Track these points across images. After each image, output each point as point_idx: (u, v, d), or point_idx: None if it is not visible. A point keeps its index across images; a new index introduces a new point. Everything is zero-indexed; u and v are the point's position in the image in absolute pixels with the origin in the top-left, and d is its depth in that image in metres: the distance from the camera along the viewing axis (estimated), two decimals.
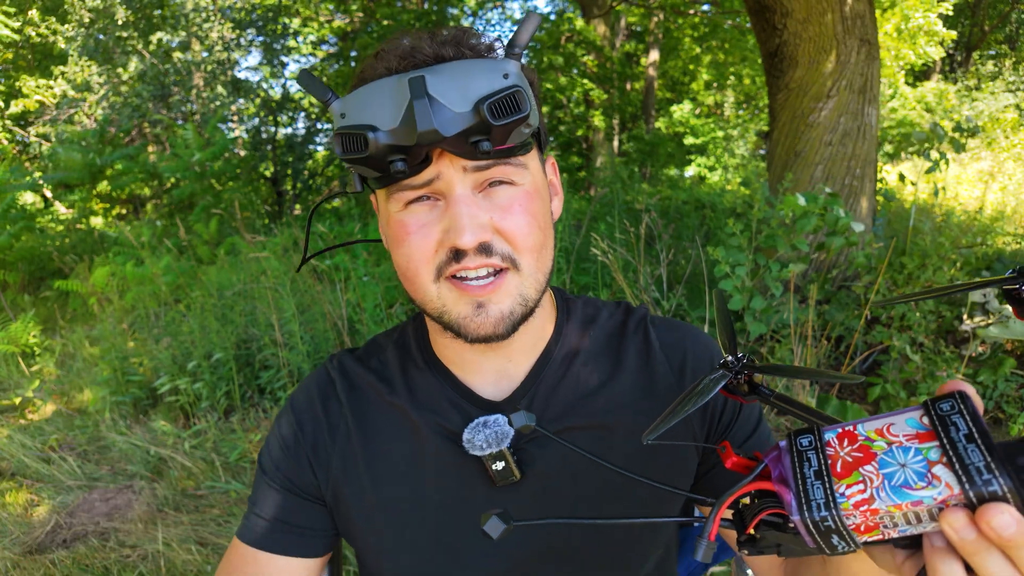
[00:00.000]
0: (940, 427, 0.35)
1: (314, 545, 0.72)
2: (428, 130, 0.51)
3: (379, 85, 0.54)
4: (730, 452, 0.43)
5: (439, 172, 0.56)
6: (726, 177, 8.60)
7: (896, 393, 2.59)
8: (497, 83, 0.53)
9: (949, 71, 13.37)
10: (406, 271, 0.61)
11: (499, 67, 0.54)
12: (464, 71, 0.53)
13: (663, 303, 2.83)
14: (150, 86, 6.94)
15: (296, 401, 0.75)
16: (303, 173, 7.94)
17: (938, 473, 0.34)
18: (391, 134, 0.53)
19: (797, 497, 0.37)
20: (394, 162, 0.54)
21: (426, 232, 0.58)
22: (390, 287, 3.46)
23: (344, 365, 0.75)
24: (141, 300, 4.20)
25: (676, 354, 0.73)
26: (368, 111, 0.54)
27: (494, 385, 0.70)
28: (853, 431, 0.38)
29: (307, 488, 0.72)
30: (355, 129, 0.53)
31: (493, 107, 0.52)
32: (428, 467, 0.69)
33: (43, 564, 2.23)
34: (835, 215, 2.49)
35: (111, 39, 6.88)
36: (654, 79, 10.64)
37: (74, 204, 7.04)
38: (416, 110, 0.51)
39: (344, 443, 0.71)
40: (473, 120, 0.52)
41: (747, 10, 3.50)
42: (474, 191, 0.58)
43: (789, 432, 0.40)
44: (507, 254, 0.59)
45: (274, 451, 0.73)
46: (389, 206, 0.61)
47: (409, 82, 0.52)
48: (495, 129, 0.53)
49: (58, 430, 3.31)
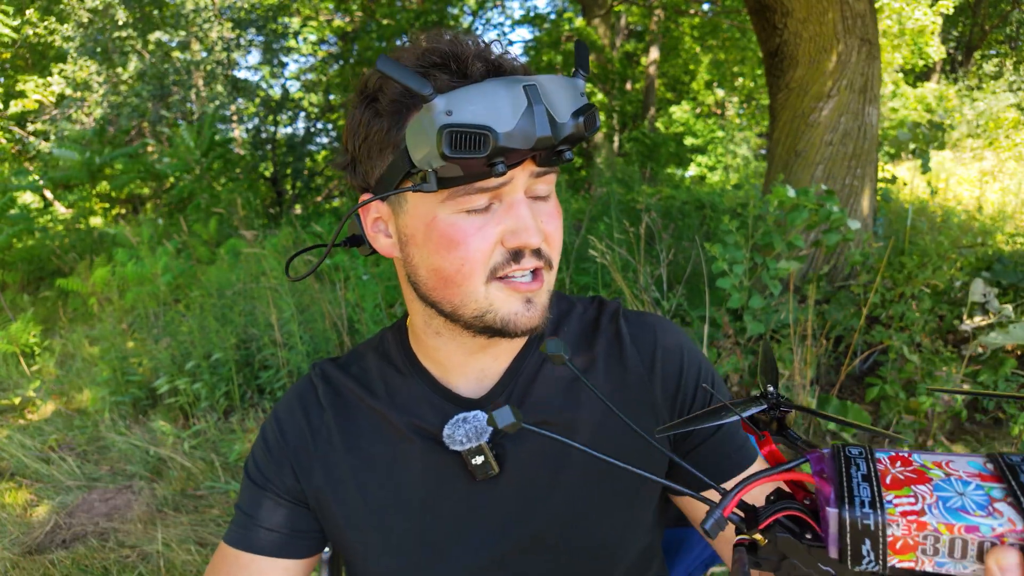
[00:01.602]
0: (1009, 472, 0.33)
1: (300, 547, 0.74)
2: (546, 136, 0.55)
3: (490, 87, 0.54)
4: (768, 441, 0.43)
5: (513, 175, 0.59)
6: (726, 177, 8.60)
7: (895, 394, 2.59)
8: (583, 99, 0.59)
9: (950, 71, 13.37)
10: (454, 275, 0.61)
11: (579, 85, 0.59)
12: (560, 85, 0.58)
13: (663, 303, 2.82)
14: (149, 86, 6.94)
15: (279, 409, 0.77)
16: (303, 173, 7.94)
17: (1000, 508, 0.32)
18: (508, 136, 0.54)
19: (839, 490, 0.34)
20: (497, 164, 0.55)
21: (483, 235, 0.60)
22: (390, 287, 3.46)
23: (327, 373, 0.77)
24: (141, 300, 4.20)
25: (646, 346, 0.75)
26: (483, 112, 0.54)
27: (474, 384, 0.72)
28: (908, 457, 0.36)
29: (291, 492, 0.73)
30: (471, 128, 0.53)
31: (587, 120, 0.58)
32: (409, 468, 0.70)
33: (42, 564, 2.22)
34: (828, 210, 2.48)
35: (110, 39, 6.87)
36: (654, 79, 10.64)
37: (73, 204, 7.03)
38: (536, 115, 0.54)
39: (326, 449, 0.73)
40: (573, 130, 0.57)
41: (747, 9, 3.50)
42: (526, 195, 0.62)
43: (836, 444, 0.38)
44: (548, 257, 0.64)
45: (259, 457, 0.75)
46: (439, 209, 0.59)
47: (525, 88, 0.55)
48: (584, 140, 0.58)
49: (57, 430, 3.31)
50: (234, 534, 0.73)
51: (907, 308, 2.71)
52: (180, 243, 5.10)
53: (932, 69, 12.89)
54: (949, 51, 12.98)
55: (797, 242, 2.56)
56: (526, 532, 0.70)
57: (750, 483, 0.37)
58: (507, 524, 0.70)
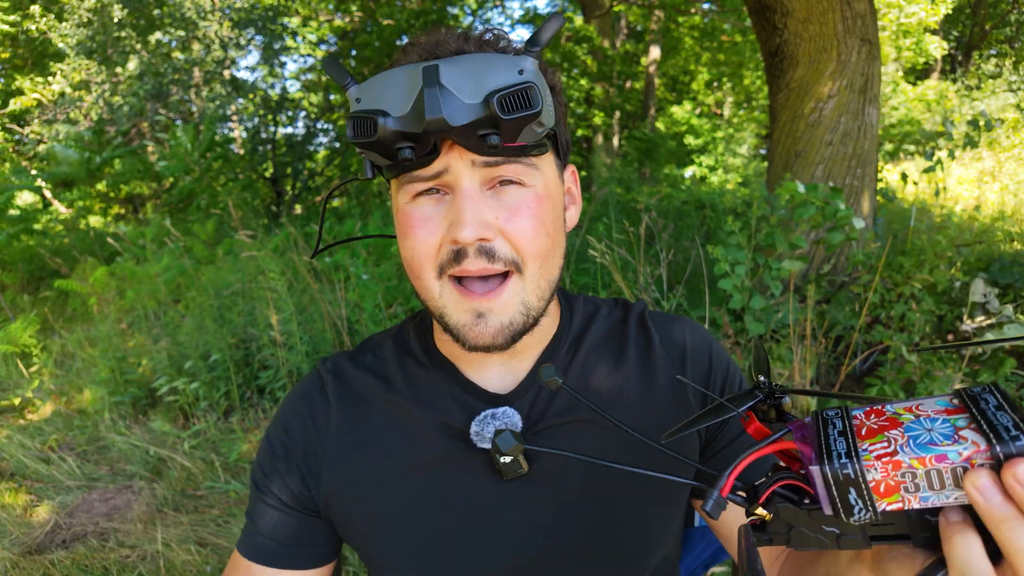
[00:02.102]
0: (970, 402, 0.35)
1: (315, 556, 0.71)
2: (436, 118, 0.51)
3: (395, 72, 0.54)
4: (753, 419, 0.43)
5: (448, 164, 0.56)
6: (726, 177, 8.60)
7: (895, 394, 2.59)
8: (511, 78, 0.52)
9: (949, 70, 13.37)
10: (410, 264, 0.60)
11: (515, 63, 0.53)
12: (480, 64, 0.53)
13: (663, 303, 2.82)
14: (147, 85, 6.93)
15: (284, 410, 0.74)
16: (303, 173, 7.93)
17: (965, 434, 0.34)
18: (400, 120, 0.53)
19: (817, 449, 0.36)
20: (402, 149, 0.54)
21: (431, 227, 0.58)
22: (390, 287, 3.46)
23: (338, 366, 0.74)
24: (140, 300, 4.20)
25: (675, 345, 0.74)
26: (381, 97, 0.54)
27: (499, 379, 0.70)
28: (881, 408, 0.38)
29: (300, 501, 0.70)
30: (366, 113, 0.53)
31: (503, 100, 0.51)
32: (430, 466, 0.67)
33: (42, 564, 2.22)
34: (835, 208, 2.48)
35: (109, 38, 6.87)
36: (654, 78, 10.63)
37: (72, 203, 7.03)
38: (426, 98, 0.51)
39: (336, 449, 0.69)
40: (483, 112, 0.52)
41: (748, 10, 3.50)
42: (483, 188, 0.57)
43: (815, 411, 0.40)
44: (510, 258, 0.58)
45: (264, 465, 0.72)
46: (399, 197, 0.60)
47: (423, 70, 0.52)
48: (504, 124, 0.52)
49: (57, 430, 3.31)
50: (241, 540, 0.72)
51: (907, 308, 2.71)
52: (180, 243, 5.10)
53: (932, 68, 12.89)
54: (949, 51, 12.98)
55: (799, 242, 2.56)
56: (555, 535, 0.67)
57: (742, 460, 0.39)
58: (536, 526, 0.67)
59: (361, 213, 6.56)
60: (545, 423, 0.67)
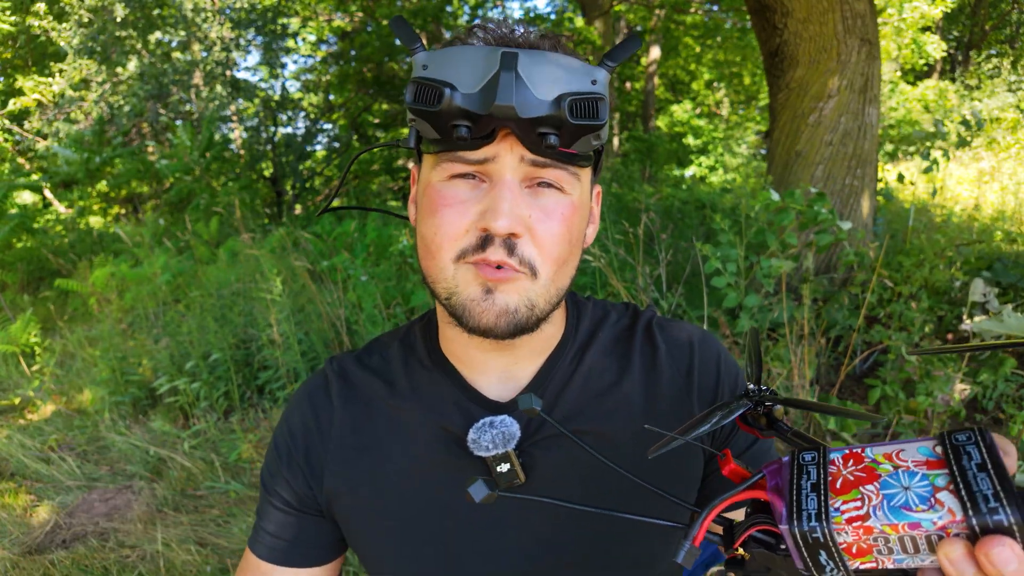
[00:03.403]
0: (952, 455, 0.33)
1: (322, 555, 0.72)
2: (506, 104, 0.50)
3: (470, 50, 0.53)
4: (729, 459, 0.42)
5: (497, 153, 0.55)
6: (726, 177, 8.60)
7: (895, 394, 2.59)
8: (585, 85, 0.53)
9: (949, 70, 13.37)
10: (430, 244, 0.59)
11: (590, 72, 0.53)
12: (558, 63, 0.53)
13: (662, 303, 2.82)
14: (148, 86, 6.93)
15: (289, 410, 0.74)
16: (302, 173, 7.94)
17: (942, 499, 0.32)
18: (468, 98, 0.51)
19: (788, 506, 0.35)
20: (459, 127, 0.53)
21: (462, 209, 0.57)
22: (389, 287, 3.46)
23: (344, 367, 0.73)
24: (140, 300, 4.20)
25: (682, 356, 0.72)
26: (452, 70, 0.53)
27: (500, 385, 0.69)
28: (860, 453, 0.37)
29: (305, 501, 0.71)
30: (433, 82, 0.52)
31: (574, 105, 0.51)
32: (430, 471, 0.67)
33: (42, 564, 2.22)
34: (816, 212, 2.48)
35: (109, 37, 6.87)
36: (654, 79, 10.64)
37: (73, 203, 7.03)
38: (501, 82, 0.50)
39: (338, 450, 0.70)
40: (551, 111, 0.51)
41: (747, 9, 3.50)
42: (522, 184, 0.57)
43: (795, 448, 0.39)
44: (529, 259, 0.57)
45: (271, 465, 0.73)
46: (432, 174, 0.59)
47: (502, 55, 0.51)
48: (567, 128, 0.52)
49: (57, 430, 3.31)
50: (252, 537, 0.73)
51: (906, 308, 2.71)
52: (181, 243, 5.10)
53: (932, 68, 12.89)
54: (949, 51, 12.98)
55: (791, 239, 2.56)
56: (553, 546, 0.66)
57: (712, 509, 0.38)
58: (534, 537, 0.66)
59: (360, 214, 6.57)
60: (544, 433, 0.66)
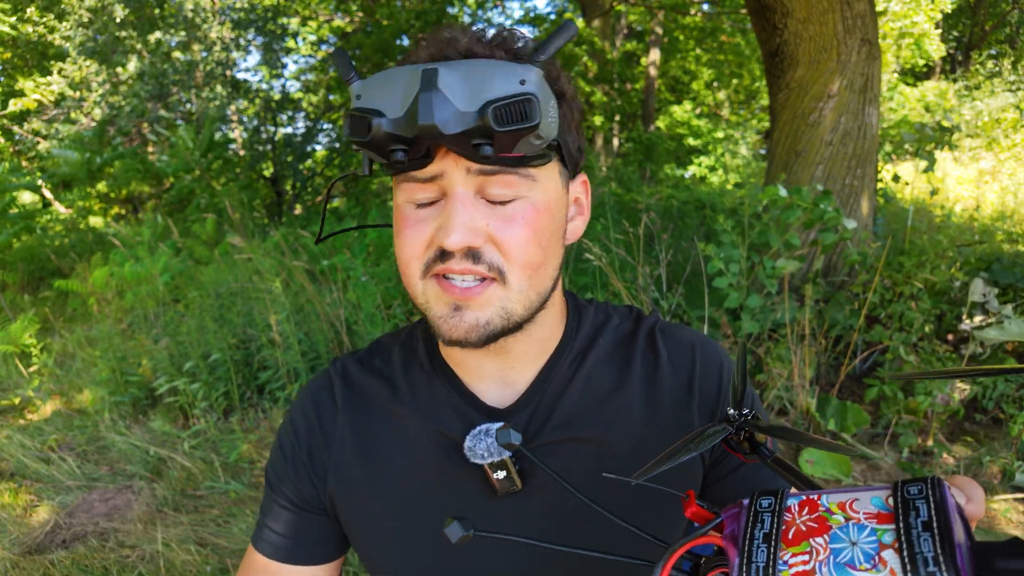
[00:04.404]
0: (901, 510, 0.33)
1: (326, 553, 0.73)
2: (428, 124, 0.50)
3: (396, 72, 0.53)
4: (692, 501, 0.42)
5: (443, 169, 0.55)
6: (726, 177, 8.60)
7: (893, 394, 2.59)
8: (511, 88, 0.51)
9: (949, 71, 13.37)
10: (400, 262, 0.60)
11: (518, 72, 0.51)
12: (481, 70, 0.51)
13: (662, 303, 2.82)
14: (148, 86, 6.94)
15: (294, 409, 0.75)
16: (302, 173, 7.94)
17: (886, 557, 0.32)
18: (394, 123, 0.51)
19: (740, 557, 0.36)
20: (395, 151, 0.53)
21: (421, 228, 0.57)
22: (389, 287, 3.46)
23: (347, 369, 0.74)
24: (140, 300, 4.20)
25: (684, 365, 0.71)
26: (381, 96, 0.53)
27: (498, 391, 0.68)
28: (816, 500, 0.37)
29: (309, 500, 0.71)
30: (362, 112, 0.52)
31: (498, 112, 0.50)
32: (428, 476, 0.67)
33: (42, 564, 2.22)
34: (822, 210, 2.48)
35: (110, 37, 6.87)
36: (654, 79, 10.64)
37: (73, 204, 7.03)
38: (420, 102, 0.50)
39: (340, 452, 0.70)
40: (476, 122, 0.50)
41: (747, 10, 3.50)
42: (477, 195, 0.56)
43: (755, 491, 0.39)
44: (496, 265, 0.57)
45: (276, 464, 0.73)
46: (397, 195, 0.60)
47: (422, 72, 0.51)
48: (499, 135, 0.51)
49: (57, 430, 3.31)
50: (255, 535, 0.73)
51: (906, 308, 2.71)
52: (180, 243, 5.10)
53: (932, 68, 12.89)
54: (949, 51, 12.98)
55: (793, 240, 2.56)
56: (551, 554, 0.65)
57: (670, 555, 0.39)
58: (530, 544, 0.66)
59: (360, 213, 6.57)
60: (541, 440, 0.66)
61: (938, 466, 2.41)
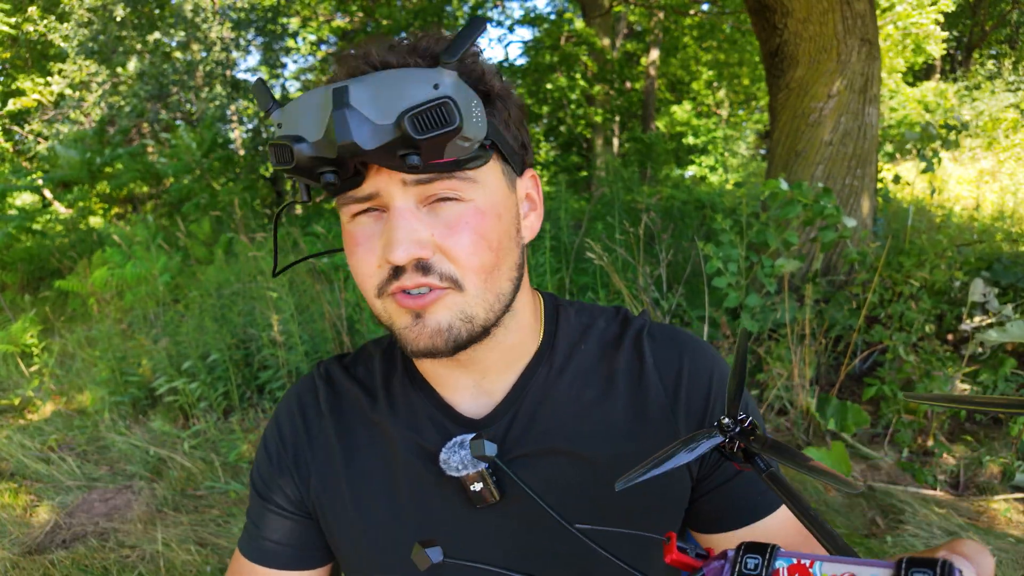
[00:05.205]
0: None
1: (313, 558, 0.72)
2: (347, 143, 0.48)
3: (311, 95, 0.52)
4: (672, 547, 0.40)
5: (378, 187, 0.54)
6: (726, 177, 8.60)
7: (893, 394, 2.59)
8: (425, 93, 0.49)
9: (949, 71, 13.37)
10: (357, 283, 0.60)
11: (430, 77, 0.50)
12: (393, 81, 0.50)
13: (662, 303, 2.82)
14: (148, 86, 6.94)
15: (279, 413, 0.74)
16: None
17: None
18: (315, 146, 0.50)
19: None
20: (324, 174, 0.52)
21: (369, 247, 0.57)
22: None
23: (331, 374, 0.73)
24: (139, 300, 4.20)
25: (670, 371, 0.68)
26: (298, 122, 0.52)
27: (473, 402, 0.67)
28: (808, 568, 0.34)
29: (295, 504, 0.71)
30: (284, 139, 0.51)
31: (416, 119, 0.48)
32: (406, 487, 0.67)
33: (42, 564, 2.22)
34: (822, 206, 2.47)
35: (110, 38, 6.87)
36: (654, 79, 10.64)
37: (72, 204, 7.03)
38: (335, 122, 0.48)
39: (324, 457, 0.70)
40: (395, 134, 0.49)
41: (747, 10, 3.50)
42: (419, 205, 0.55)
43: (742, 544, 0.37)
44: (448, 274, 0.56)
45: (262, 467, 0.73)
46: (342, 216, 0.59)
47: (332, 92, 0.49)
48: (423, 143, 0.49)
49: (57, 430, 3.31)
50: (243, 542, 0.72)
51: (906, 308, 2.71)
52: (180, 243, 5.10)
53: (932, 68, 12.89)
54: (949, 51, 12.98)
55: (792, 239, 2.56)
56: (530, 564, 0.65)
57: None
58: (508, 556, 0.65)
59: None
60: (517, 452, 0.65)
61: (938, 466, 2.41)
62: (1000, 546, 1.95)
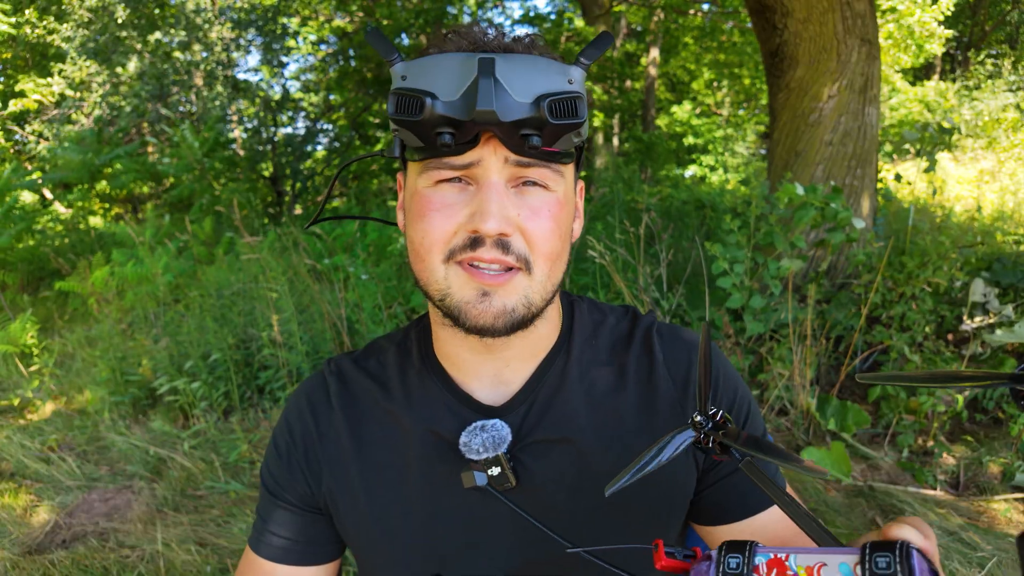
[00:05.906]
0: None
1: (324, 553, 0.73)
2: (487, 110, 0.51)
3: (448, 58, 0.54)
4: (661, 554, 0.42)
5: (481, 157, 0.56)
6: (726, 177, 8.60)
7: (896, 393, 2.59)
8: (561, 85, 0.54)
9: (949, 70, 13.36)
10: (419, 248, 0.60)
11: (566, 71, 0.55)
12: (533, 65, 0.54)
13: (663, 303, 2.82)
14: (148, 86, 6.94)
15: (289, 409, 0.75)
16: (302, 173, 7.94)
17: None
18: (448, 105, 0.52)
19: None
20: (442, 134, 0.53)
21: (449, 213, 0.58)
22: (389, 287, 3.46)
23: (342, 369, 0.74)
24: (140, 300, 4.20)
25: (679, 368, 0.70)
26: (431, 79, 0.53)
27: (492, 390, 0.69)
28: (784, 561, 0.37)
29: (306, 500, 0.71)
30: (414, 92, 0.53)
31: (553, 105, 0.52)
32: (421, 475, 0.67)
33: (42, 564, 2.22)
34: (835, 209, 2.48)
35: (110, 38, 6.88)
36: (654, 79, 10.64)
37: (73, 204, 7.04)
38: (480, 88, 0.51)
39: (335, 452, 0.70)
40: (531, 113, 0.52)
41: (748, 10, 3.50)
42: (508, 185, 0.57)
43: (724, 544, 0.39)
44: (523, 255, 0.58)
45: (272, 464, 0.73)
46: (419, 180, 0.60)
47: (479, 61, 0.52)
48: (548, 128, 0.53)
49: (57, 430, 3.31)
50: (254, 538, 0.73)
51: (908, 308, 2.71)
52: (181, 243, 5.10)
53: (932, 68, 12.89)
54: (949, 51, 12.98)
55: (799, 242, 2.56)
56: (542, 551, 0.66)
57: None
58: (522, 541, 0.67)
59: (361, 212, 6.57)
60: (534, 437, 0.67)
61: (938, 466, 2.41)
62: (1000, 546, 1.95)
